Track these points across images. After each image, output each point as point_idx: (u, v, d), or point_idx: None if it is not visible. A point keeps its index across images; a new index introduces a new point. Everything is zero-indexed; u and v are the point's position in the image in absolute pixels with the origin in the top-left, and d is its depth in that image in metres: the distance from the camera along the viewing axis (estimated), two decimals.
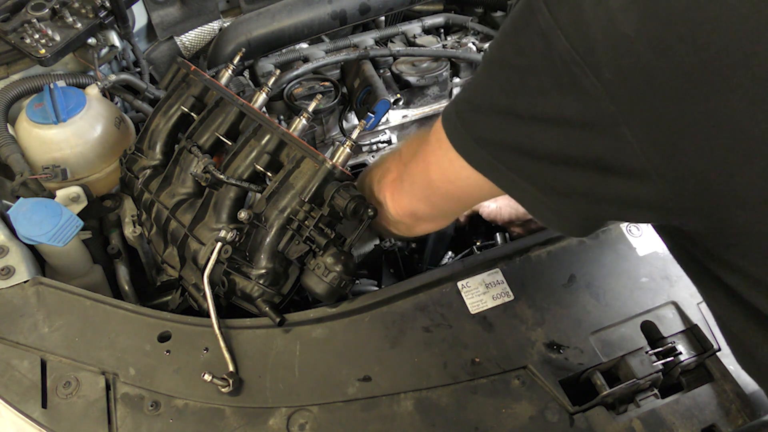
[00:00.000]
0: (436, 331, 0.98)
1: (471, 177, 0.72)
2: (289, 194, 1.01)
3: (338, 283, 0.97)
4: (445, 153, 0.74)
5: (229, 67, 1.23)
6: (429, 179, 0.82)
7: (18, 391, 0.92)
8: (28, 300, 1.02)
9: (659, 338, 0.99)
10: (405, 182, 0.90)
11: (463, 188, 0.78)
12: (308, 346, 0.97)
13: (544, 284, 1.04)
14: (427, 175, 0.82)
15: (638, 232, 1.11)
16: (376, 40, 1.57)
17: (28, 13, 1.29)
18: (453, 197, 0.84)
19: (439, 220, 0.96)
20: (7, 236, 1.10)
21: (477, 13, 1.74)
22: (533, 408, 0.91)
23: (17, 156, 1.17)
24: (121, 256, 1.28)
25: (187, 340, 0.98)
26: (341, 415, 0.91)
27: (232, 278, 1.03)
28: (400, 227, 0.99)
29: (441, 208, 0.89)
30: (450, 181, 0.78)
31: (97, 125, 1.24)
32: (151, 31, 1.56)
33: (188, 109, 1.18)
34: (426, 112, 1.55)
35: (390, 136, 1.55)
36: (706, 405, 0.93)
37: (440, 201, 0.86)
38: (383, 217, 0.98)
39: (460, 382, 0.93)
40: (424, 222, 0.95)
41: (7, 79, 1.31)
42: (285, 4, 1.50)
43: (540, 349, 0.96)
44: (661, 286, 1.04)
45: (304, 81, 1.42)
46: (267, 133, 1.07)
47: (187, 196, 1.14)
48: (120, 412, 0.91)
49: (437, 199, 0.86)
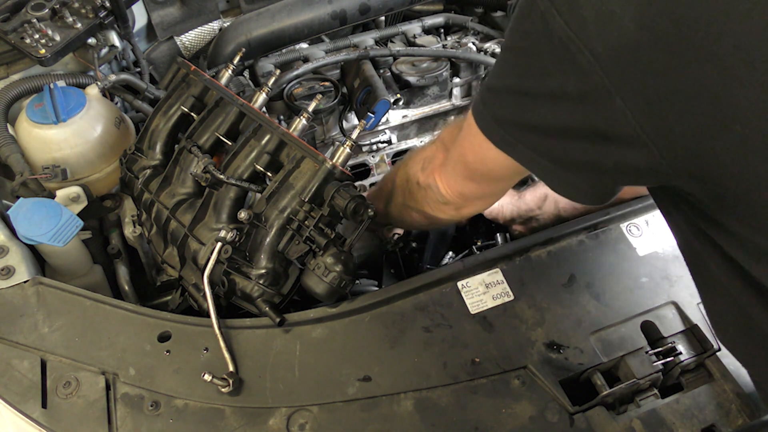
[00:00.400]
0: (436, 331, 0.98)
1: (497, 157, 0.77)
2: (289, 194, 1.01)
3: (338, 283, 0.97)
4: (474, 136, 0.79)
5: (229, 67, 1.23)
6: (466, 161, 0.88)
7: (18, 391, 0.92)
8: (28, 300, 1.02)
9: (659, 338, 0.99)
10: (449, 166, 0.95)
11: (493, 168, 0.84)
12: (308, 346, 0.97)
13: (544, 284, 1.04)
14: (464, 158, 0.88)
15: (638, 232, 1.11)
16: (376, 40, 1.57)
17: (28, 13, 1.29)
18: (490, 177, 0.89)
19: (486, 198, 1.00)
20: (7, 236, 1.10)
21: (477, 13, 1.74)
22: (533, 408, 0.91)
23: (17, 156, 1.17)
24: (121, 256, 1.28)
25: (187, 340, 0.98)
26: (341, 415, 0.91)
27: (232, 278, 1.03)
28: (447, 210, 1.01)
29: (486, 187, 0.94)
30: (482, 162, 0.84)
31: (97, 125, 1.24)
32: (151, 31, 1.56)
33: (188, 109, 1.18)
34: (426, 112, 1.55)
35: (390, 136, 1.55)
36: (706, 405, 0.93)
37: (483, 180, 0.91)
38: (432, 200, 1.01)
39: (460, 382, 0.93)
40: (471, 201, 0.99)
41: (7, 79, 1.32)
42: (285, 4, 1.51)
43: (540, 349, 0.96)
44: (661, 286, 1.04)
45: (304, 81, 1.42)
46: (267, 133, 1.07)
47: (187, 196, 1.14)
48: (120, 412, 0.91)
49: (480, 179, 0.91)
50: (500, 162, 0.79)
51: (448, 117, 1.61)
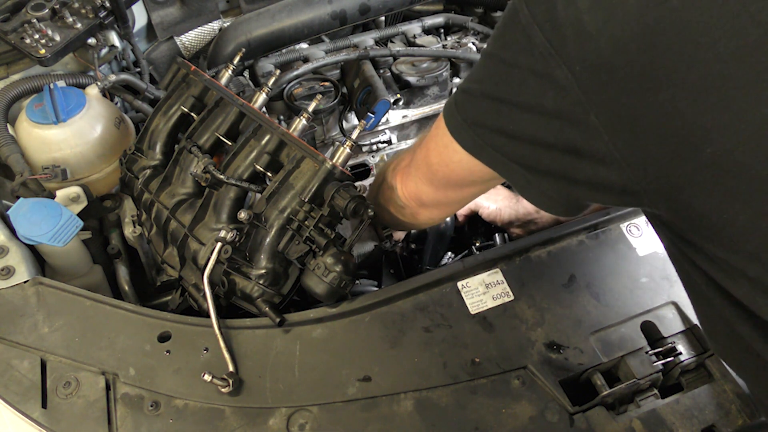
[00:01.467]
0: (436, 331, 0.98)
1: (462, 160, 0.78)
2: (289, 194, 1.01)
3: (338, 283, 0.97)
4: (442, 137, 0.80)
5: (229, 67, 1.23)
6: (429, 162, 0.88)
7: (18, 391, 0.92)
8: (28, 300, 1.02)
9: (659, 338, 0.99)
10: (412, 167, 0.95)
11: (456, 171, 0.83)
12: (308, 346, 0.97)
13: (544, 284, 1.04)
14: (428, 159, 0.88)
15: (638, 232, 1.11)
16: (376, 40, 1.57)
17: (28, 13, 1.29)
18: (451, 181, 0.88)
19: (442, 207, 1.00)
20: (7, 236, 1.10)
21: (477, 13, 1.74)
22: (533, 408, 0.91)
23: (17, 156, 1.17)
24: (121, 256, 1.28)
25: (187, 340, 0.98)
26: (341, 415, 0.91)
27: (232, 278, 1.03)
28: (405, 213, 1.03)
29: (442, 193, 0.93)
30: (446, 164, 0.84)
31: (97, 125, 1.24)
32: (151, 31, 1.56)
33: (188, 109, 1.18)
34: (426, 112, 1.55)
35: (390, 136, 1.55)
36: (706, 405, 0.93)
37: (441, 185, 0.91)
38: (393, 202, 1.02)
39: (460, 382, 0.93)
40: (426, 208, 0.99)
41: (7, 79, 1.32)
42: (285, 4, 1.50)
43: (540, 349, 0.96)
44: (661, 286, 1.04)
45: (304, 81, 1.42)
46: (267, 133, 1.07)
47: (187, 196, 1.14)
48: (120, 412, 0.91)
49: (438, 183, 0.91)
50: (464, 165, 0.79)
51: None
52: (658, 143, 0.57)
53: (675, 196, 0.60)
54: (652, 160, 0.59)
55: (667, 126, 0.56)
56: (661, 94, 0.55)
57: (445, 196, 0.94)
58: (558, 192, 0.72)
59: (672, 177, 0.59)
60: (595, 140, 0.61)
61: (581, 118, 0.60)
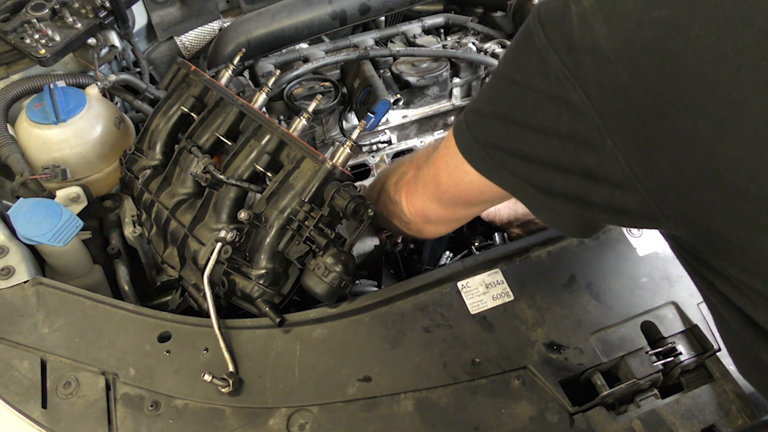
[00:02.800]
0: (436, 331, 0.98)
1: (473, 180, 0.77)
2: (289, 194, 1.01)
3: (338, 284, 0.97)
4: (452, 157, 0.79)
5: (229, 67, 1.23)
6: (438, 182, 0.87)
7: (18, 391, 0.92)
8: (28, 300, 1.02)
9: (659, 338, 0.99)
10: (419, 185, 0.94)
11: (466, 191, 0.82)
12: (308, 347, 0.97)
13: (544, 284, 1.04)
14: (437, 178, 0.87)
15: (638, 232, 1.11)
16: (376, 40, 1.57)
17: (28, 13, 1.29)
18: (460, 200, 0.87)
19: (450, 223, 1.00)
20: (7, 236, 1.10)
21: (477, 13, 1.74)
22: (533, 408, 0.91)
23: (17, 156, 1.17)
24: (121, 256, 1.28)
25: (187, 341, 0.98)
26: (341, 415, 0.91)
27: (232, 278, 1.03)
28: (411, 227, 1.02)
29: (451, 211, 0.93)
30: (456, 184, 0.83)
31: (97, 125, 1.24)
32: (151, 31, 1.56)
33: (188, 109, 1.18)
34: (426, 112, 1.55)
35: (390, 136, 1.55)
36: (706, 405, 0.93)
37: (449, 204, 0.90)
38: (397, 216, 1.02)
39: (460, 383, 0.93)
40: (433, 224, 0.99)
41: (7, 79, 1.31)
42: (285, 4, 1.50)
43: (540, 349, 0.96)
44: (661, 286, 1.04)
45: (304, 81, 1.42)
46: (267, 133, 1.07)
47: (187, 196, 1.13)
48: (120, 413, 0.91)
49: (447, 202, 0.90)
50: (475, 186, 0.78)
51: (448, 117, 1.61)
52: (677, 169, 0.57)
53: (695, 221, 0.60)
54: (670, 186, 0.58)
55: (686, 152, 0.56)
56: (680, 121, 0.54)
57: (453, 213, 0.94)
58: (572, 214, 0.71)
59: (692, 202, 0.58)
60: (612, 165, 0.60)
61: (597, 143, 0.60)
